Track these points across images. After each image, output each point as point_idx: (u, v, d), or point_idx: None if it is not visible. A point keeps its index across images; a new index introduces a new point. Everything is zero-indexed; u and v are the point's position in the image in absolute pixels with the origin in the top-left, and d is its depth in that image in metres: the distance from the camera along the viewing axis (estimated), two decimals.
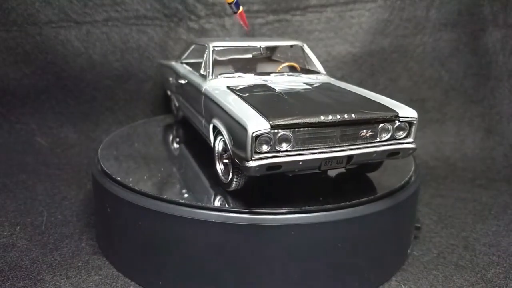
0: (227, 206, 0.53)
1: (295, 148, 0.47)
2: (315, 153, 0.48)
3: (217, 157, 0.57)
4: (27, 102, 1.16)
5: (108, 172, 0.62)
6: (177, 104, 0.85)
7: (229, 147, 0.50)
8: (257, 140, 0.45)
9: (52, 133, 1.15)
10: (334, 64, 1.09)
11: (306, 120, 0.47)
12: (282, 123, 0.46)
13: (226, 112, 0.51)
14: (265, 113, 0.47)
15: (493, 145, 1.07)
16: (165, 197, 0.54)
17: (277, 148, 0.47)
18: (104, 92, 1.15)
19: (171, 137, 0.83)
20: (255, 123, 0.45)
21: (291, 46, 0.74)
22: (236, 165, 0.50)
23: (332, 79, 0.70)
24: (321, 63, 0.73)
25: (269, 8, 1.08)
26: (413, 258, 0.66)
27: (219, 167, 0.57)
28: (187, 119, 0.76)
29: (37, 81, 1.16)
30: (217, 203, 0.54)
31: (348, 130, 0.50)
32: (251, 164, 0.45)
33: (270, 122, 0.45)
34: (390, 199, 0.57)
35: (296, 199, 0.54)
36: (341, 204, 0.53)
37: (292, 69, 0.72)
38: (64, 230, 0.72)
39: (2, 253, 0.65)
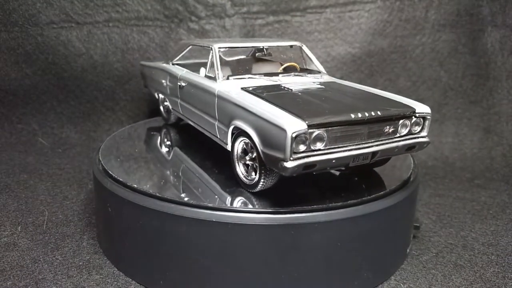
0: (227, 205, 0.53)
1: (328, 147, 0.49)
2: (346, 150, 0.50)
3: (236, 159, 0.57)
4: (29, 102, 1.17)
5: (109, 171, 0.62)
6: (170, 107, 0.81)
7: (259, 149, 0.50)
8: (295, 141, 0.45)
9: (53, 133, 1.16)
10: (333, 64, 1.09)
11: (339, 119, 0.48)
12: (317, 122, 0.47)
13: (254, 114, 0.50)
14: (298, 113, 0.47)
15: (491, 145, 1.07)
16: (165, 196, 0.55)
17: (311, 147, 0.47)
18: (105, 93, 1.16)
19: (171, 138, 0.83)
20: (293, 124, 0.45)
21: (291, 46, 0.75)
22: (264, 166, 0.51)
23: (335, 78, 0.71)
24: (321, 63, 0.74)
25: (269, 9, 1.09)
26: (412, 258, 0.66)
27: (240, 169, 0.57)
28: (188, 121, 0.75)
29: (38, 81, 1.16)
30: (223, 203, 0.54)
31: (374, 127, 0.52)
32: (290, 164, 0.45)
33: (307, 122, 0.46)
34: (389, 199, 0.57)
35: (295, 199, 0.55)
36: (340, 203, 0.54)
37: (293, 69, 0.73)
38: (65, 229, 0.73)
39: (3, 253, 0.65)
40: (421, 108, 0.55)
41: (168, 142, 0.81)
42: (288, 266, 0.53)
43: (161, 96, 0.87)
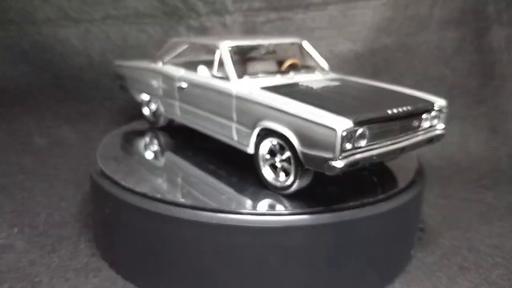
0: (226, 208, 0.52)
1: (368, 144, 0.49)
2: (383, 146, 0.51)
3: (261, 161, 0.56)
4: (26, 101, 1.17)
5: (107, 172, 0.62)
6: (162, 110, 0.77)
7: (298, 150, 0.49)
8: (344, 139, 0.46)
9: (51, 133, 1.15)
10: (336, 62, 1.08)
11: (378, 115, 0.49)
12: (361, 120, 0.47)
13: (291, 114, 0.50)
14: (339, 111, 0.47)
15: (497, 145, 1.06)
16: (164, 198, 0.54)
17: (355, 145, 0.48)
18: (103, 92, 1.15)
19: (170, 138, 0.82)
20: (341, 122, 0.45)
21: (293, 43, 0.74)
22: (301, 167, 0.50)
23: (340, 74, 0.71)
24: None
25: (270, 6, 1.08)
26: (416, 260, 0.65)
27: (267, 171, 0.56)
28: (189, 124, 0.71)
29: (36, 80, 1.15)
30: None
31: (404, 122, 0.54)
32: (339, 164, 0.46)
33: (352, 120, 0.46)
34: (394, 200, 0.56)
35: (297, 200, 0.54)
36: (344, 205, 0.53)
37: (295, 65, 0.72)
38: (63, 231, 0.72)
39: (0, 255, 0.64)
40: (439, 102, 0.58)
41: (168, 142, 0.80)
42: (290, 268, 0.52)
43: (145, 98, 0.83)
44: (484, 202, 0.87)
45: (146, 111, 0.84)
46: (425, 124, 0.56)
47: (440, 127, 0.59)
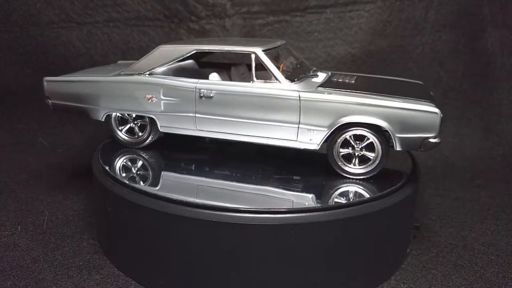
0: (227, 205, 0.53)
1: None
2: None
3: (336, 154, 0.62)
4: (29, 102, 1.17)
5: (109, 171, 0.62)
6: (159, 125, 0.67)
7: (394, 136, 0.59)
8: None
9: (54, 133, 1.16)
10: (333, 64, 1.09)
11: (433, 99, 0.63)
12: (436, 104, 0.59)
13: (388, 106, 0.58)
14: (421, 99, 0.59)
15: (491, 145, 1.07)
16: (165, 196, 0.55)
17: None
18: None
19: (170, 137, 0.83)
20: (435, 107, 0.57)
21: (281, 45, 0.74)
22: (387, 150, 0.60)
23: (329, 71, 0.77)
24: (321, 63, 0.76)
25: (269, 9, 1.09)
26: (412, 258, 0.66)
27: (341, 163, 0.62)
28: (211, 134, 0.65)
29: (39, 81, 1.16)
30: (224, 201, 0.54)
31: None
32: (438, 140, 0.58)
33: (435, 104, 0.58)
34: (389, 199, 0.57)
35: (293, 198, 0.55)
36: (340, 203, 0.54)
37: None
38: (65, 229, 0.73)
39: (3, 253, 0.65)
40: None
41: (168, 141, 0.79)
42: (288, 266, 0.53)
43: (115, 115, 0.72)
44: (479, 201, 0.88)
45: (118, 132, 0.73)
46: None
47: None
